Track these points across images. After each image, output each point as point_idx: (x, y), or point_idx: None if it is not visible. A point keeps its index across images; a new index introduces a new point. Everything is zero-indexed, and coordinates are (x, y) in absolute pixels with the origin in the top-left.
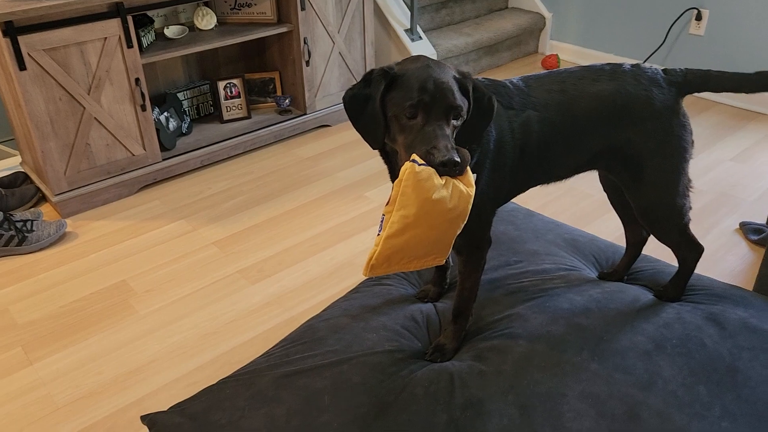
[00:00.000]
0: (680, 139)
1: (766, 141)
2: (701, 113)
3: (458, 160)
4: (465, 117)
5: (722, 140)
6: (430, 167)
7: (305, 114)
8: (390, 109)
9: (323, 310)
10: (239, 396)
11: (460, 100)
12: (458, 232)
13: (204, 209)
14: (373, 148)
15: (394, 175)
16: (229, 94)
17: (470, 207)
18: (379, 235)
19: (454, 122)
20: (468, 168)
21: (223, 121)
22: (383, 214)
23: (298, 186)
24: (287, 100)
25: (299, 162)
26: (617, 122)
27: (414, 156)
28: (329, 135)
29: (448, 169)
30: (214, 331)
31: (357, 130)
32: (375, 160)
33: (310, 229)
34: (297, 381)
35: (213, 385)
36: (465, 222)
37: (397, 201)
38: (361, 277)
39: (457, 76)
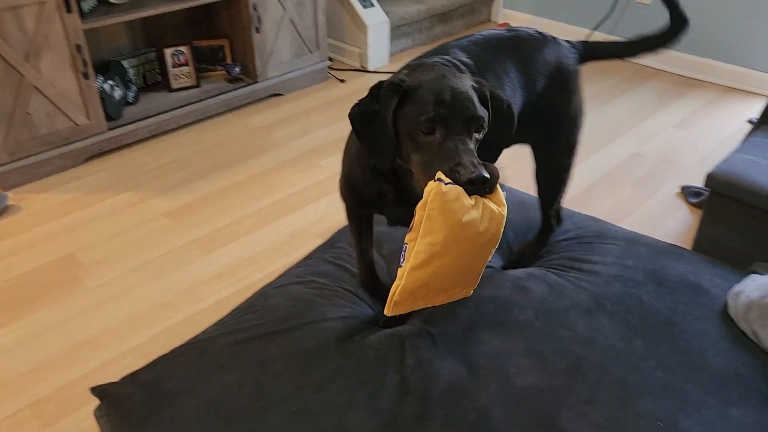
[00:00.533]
0: (583, 105)
1: (707, 107)
2: (646, 81)
3: (488, 176)
4: (486, 129)
5: (665, 107)
6: (457, 186)
7: (256, 82)
8: (403, 126)
9: (276, 278)
10: (192, 364)
11: (481, 110)
12: (489, 259)
13: (153, 180)
14: (383, 169)
15: (402, 198)
16: (176, 62)
17: (502, 229)
18: (401, 266)
19: (476, 135)
20: (498, 185)
21: (171, 90)
22: (405, 243)
23: (251, 156)
24: (237, 68)
25: (251, 131)
26: (552, 86)
27: (439, 174)
28: (281, 104)
29: (478, 188)
30: (166, 302)
31: (365, 148)
32: (329, 129)
33: (263, 199)
34: (250, 348)
35: (166, 354)
36: (496, 247)
37: (422, 227)
38: (315, 245)
39: (474, 84)
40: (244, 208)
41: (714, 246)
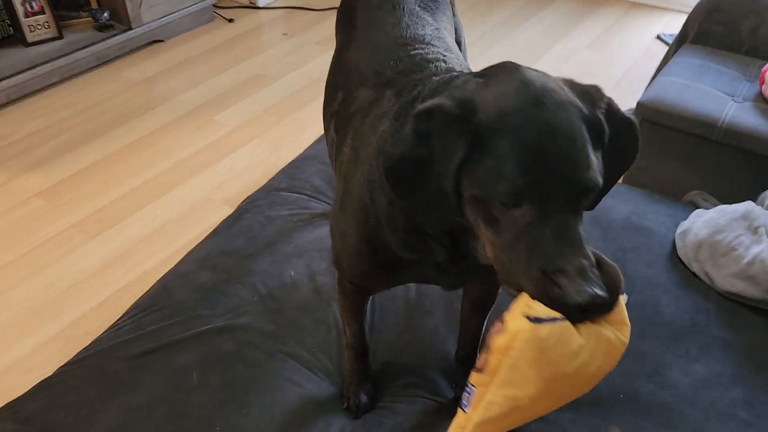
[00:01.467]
0: None
1: (616, 25)
2: (551, 3)
3: (605, 294)
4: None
5: (576, 28)
6: (562, 322)
7: (130, 29)
8: (469, 186)
9: (177, 264)
10: (86, 386)
11: (597, 165)
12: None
13: (19, 155)
14: (431, 232)
15: (458, 256)
16: (29, 9)
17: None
18: (464, 411)
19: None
20: (620, 296)
21: (27, 44)
22: (470, 384)
23: (134, 116)
24: (106, 14)
25: (131, 87)
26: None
27: (526, 300)
28: (163, 51)
29: (592, 315)
30: (50, 301)
31: (406, 209)
32: (221, 78)
33: (153, 166)
34: (157, 359)
35: (51, 376)
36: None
37: (500, 374)
38: (221, 216)
39: (581, 106)
40: (132, 178)
41: (647, 176)
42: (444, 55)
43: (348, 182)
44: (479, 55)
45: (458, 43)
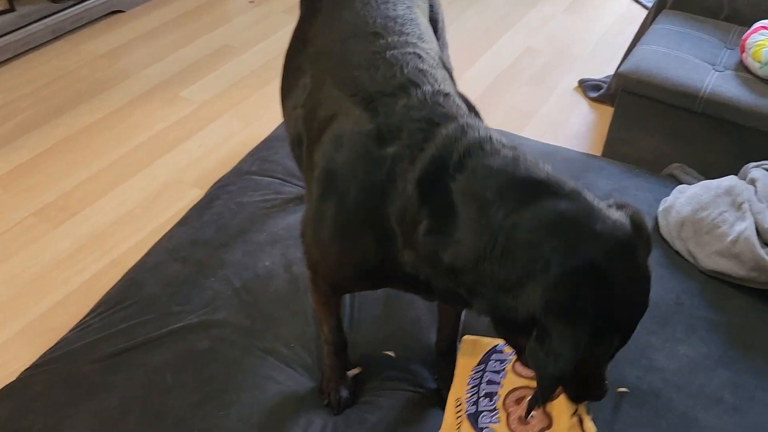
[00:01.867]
0: None
1: None
2: None
3: None
4: None
5: None
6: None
7: None
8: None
9: (145, 255)
10: (54, 390)
11: None
12: None
13: None
14: None
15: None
16: None
17: None
18: None
19: None
20: None
21: None
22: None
23: (95, 93)
24: None
25: (91, 61)
26: None
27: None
28: (124, 23)
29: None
30: (13, 296)
31: None
32: (188, 49)
33: (118, 147)
34: (129, 359)
35: (14, 381)
36: None
37: None
38: (192, 198)
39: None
40: (96, 161)
41: (626, 146)
42: (420, 56)
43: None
44: (451, 21)
45: (435, 21)
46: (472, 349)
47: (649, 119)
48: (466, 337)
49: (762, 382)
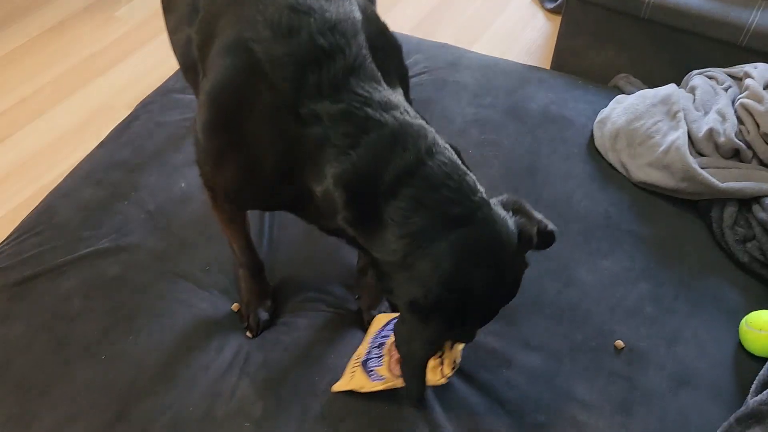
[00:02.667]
0: None
1: None
2: None
3: None
4: None
5: None
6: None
7: None
8: None
9: (62, 180)
10: None
11: None
12: None
13: None
14: None
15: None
16: None
17: None
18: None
19: None
20: None
21: None
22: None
23: (24, 13)
24: None
25: None
26: None
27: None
28: None
29: None
30: None
31: None
32: None
33: (49, 69)
34: (36, 287)
35: None
36: None
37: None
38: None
39: None
40: (25, 84)
41: (575, 58)
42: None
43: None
44: None
45: None
46: (379, 323)
47: (597, 28)
48: (379, 315)
49: (683, 292)
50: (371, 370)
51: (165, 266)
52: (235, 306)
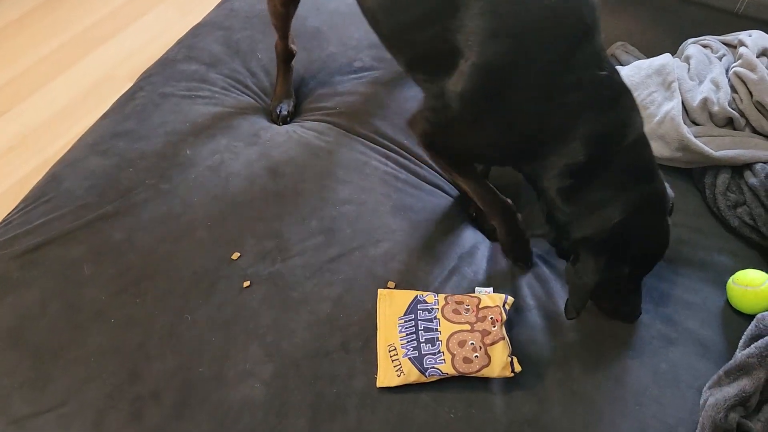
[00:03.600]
0: None
1: None
2: None
3: None
4: None
5: None
6: None
7: None
8: None
9: (68, 151)
10: None
11: None
12: None
13: None
14: None
15: None
16: None
17: None
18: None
19: None
20: None
21: None
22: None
23: None
24: None
25: None
26: None
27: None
28: None
29: None
30: None
31: None
32: None
33: (49, 41)
34: (47, 254)
35: None
36: None
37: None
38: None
39: None
40: (25, 56)
41: None
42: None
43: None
44: None
45: None
46: (390, 300)
47: None
48: (380, 290)
49: (673, 256)
50: (430, 368)
51: (168, 228)
52: (234, 255)
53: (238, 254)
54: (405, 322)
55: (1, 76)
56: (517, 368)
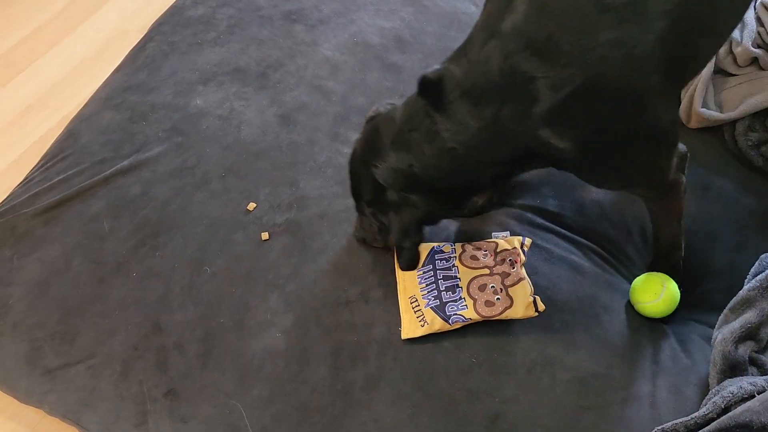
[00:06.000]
0: None
1: None
2: None
3: None
4: None
5: None
6: None
7: None
8: None
9: (83, 107)
10: (1, 246)
11: None
12: None
13: None
14: None
15: None
16: None
17: None
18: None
19: None
20: None
21: None
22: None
23: None
24: None
25: None
26: None
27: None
28: None
29: None
30: None
31: None
32: None
33: None
34: (67, 210)
35: None
36: None
37: None
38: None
39: None
40: (38, 14)
41: None
42: None
43: None
44: None
45: None
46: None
47: None
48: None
49: (693, 196)
50: (453, 314)
51: (183, 180)
52: (250, 205)
53: (254, 205)
54: (424, 273)
55: (15, 35)
56: (541, 307)
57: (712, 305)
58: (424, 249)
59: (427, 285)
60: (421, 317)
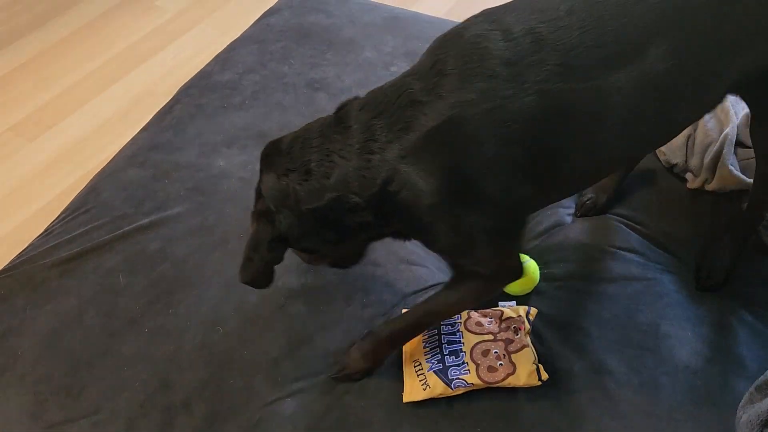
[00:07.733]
0: None
1: None
2: None
3: None
4: None
5: None
6: None
7: None
8: None
9: (108, 163)
10: (15, 295)
11: None
12: None
13: None
14: None
15: None
16: None
17: None
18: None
19: None
20: None
21: None
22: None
23: (67, 5)
24: None
25: None
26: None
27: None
28: None
29: None
30: None
31: None
32: None
33: (92, 60)
34: (84, 263)
35: None
36: None
37: None
38: None
39: None
40: (69, 74)
41: None
42: None
43: None
44: None
45: None
46: None
47: None
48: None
49: None
50: (455, 379)
51: (201, 240)
52: None
53: None
54: (428, 337)
55: (49, 92)
56: (544, 376)
57: None
58: None
59: (431, 349)
60: (424, 380)
